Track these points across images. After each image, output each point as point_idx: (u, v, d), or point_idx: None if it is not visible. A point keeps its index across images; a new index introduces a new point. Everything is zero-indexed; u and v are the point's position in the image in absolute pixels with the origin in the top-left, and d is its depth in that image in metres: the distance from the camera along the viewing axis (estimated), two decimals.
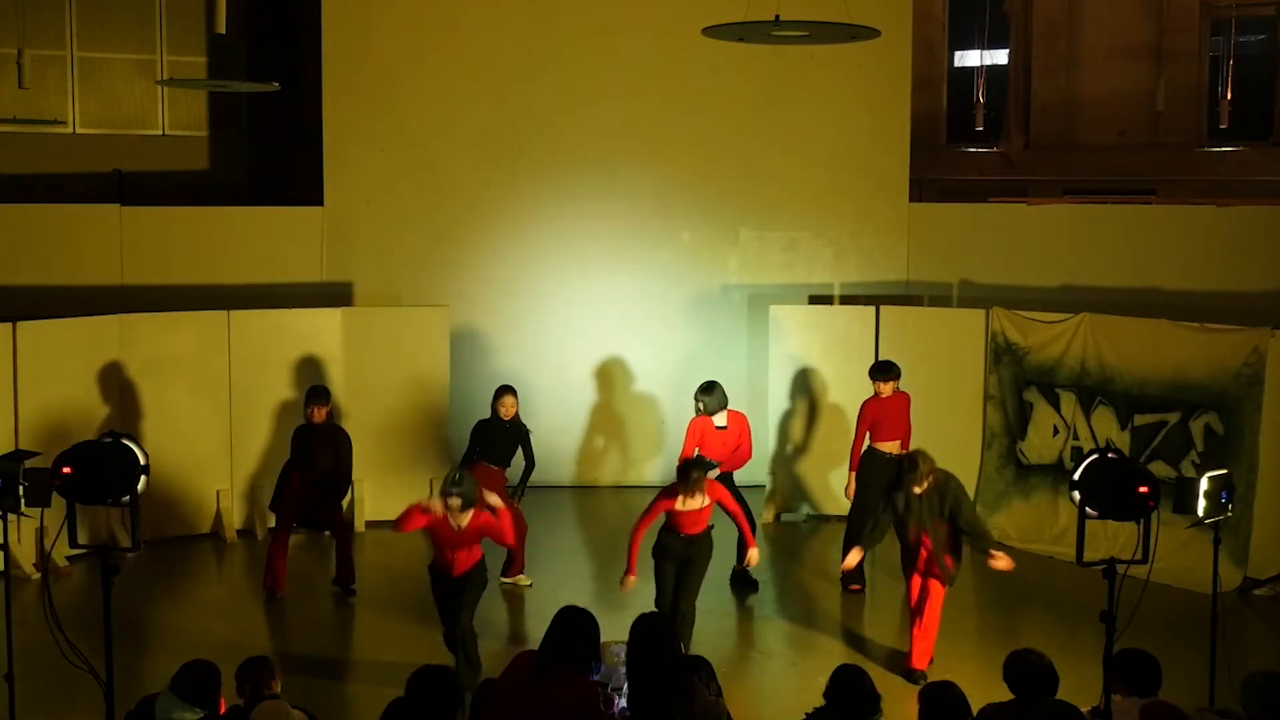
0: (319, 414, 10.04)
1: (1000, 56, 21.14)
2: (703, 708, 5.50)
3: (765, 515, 11.92)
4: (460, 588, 8.13)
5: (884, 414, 10.09)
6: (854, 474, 10.15)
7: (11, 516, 6.85)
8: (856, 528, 10.14)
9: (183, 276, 12.52)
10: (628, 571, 8.44)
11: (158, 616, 9.65)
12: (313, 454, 9.92)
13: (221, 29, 11.06)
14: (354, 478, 10.65)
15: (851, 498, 10.19)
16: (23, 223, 12.34)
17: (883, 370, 10.19)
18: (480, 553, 8.19)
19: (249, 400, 11.47)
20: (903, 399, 10.20)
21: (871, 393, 10.17)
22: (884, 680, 5.83)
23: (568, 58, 13.06)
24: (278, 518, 10.12)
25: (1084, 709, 5.72)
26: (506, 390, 10.09)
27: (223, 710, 5.93)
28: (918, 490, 8.29)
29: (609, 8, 13.09)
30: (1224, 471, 7.39)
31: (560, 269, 13.16)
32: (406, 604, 9.92)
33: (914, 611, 8.58)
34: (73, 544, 6.29)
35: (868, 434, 10.15)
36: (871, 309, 12.16)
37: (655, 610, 8.13)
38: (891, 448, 10.10)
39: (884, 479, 9.99)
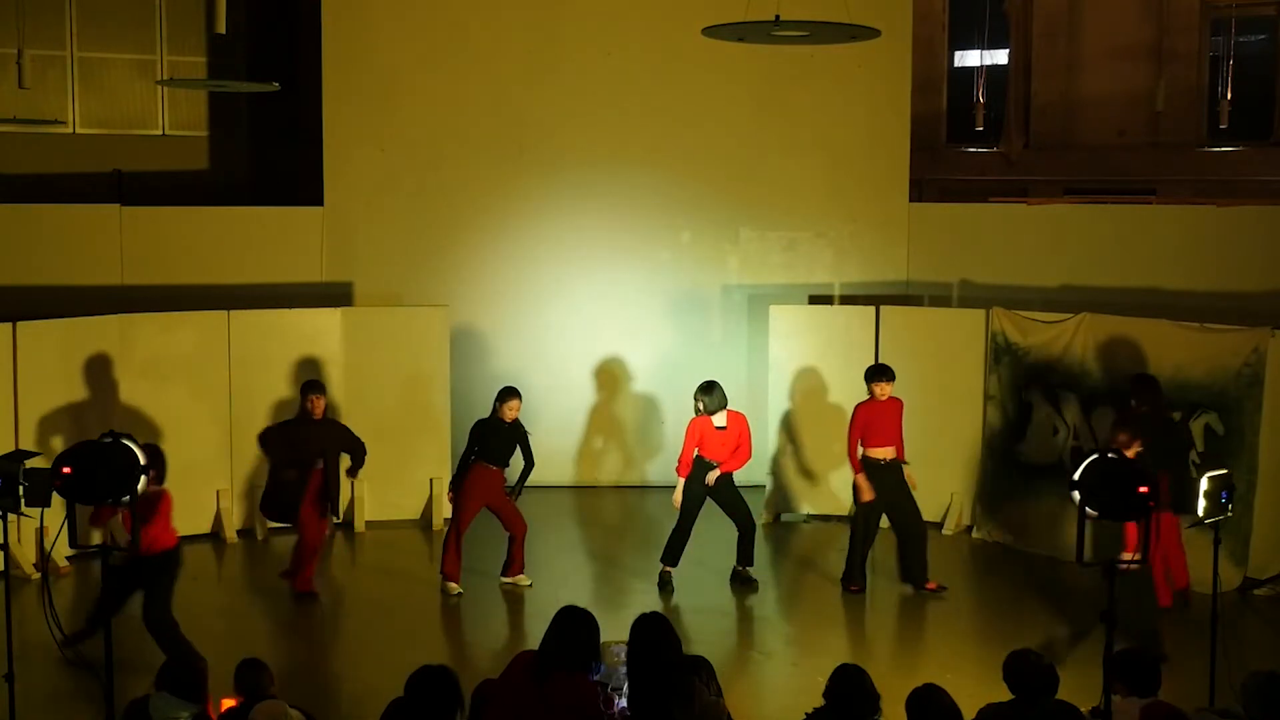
0: (318, 406, 10.03)
1: (1000, 56, 21.15)
2: (703, 708, 5.50)
3: (765, 515, 11.92)
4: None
5: (876, 419, 9.94)
6: (861, 475, 9.90)
7: (11, 516, 6.85)
8: (860, 536, 10.01)
9: (183, 276, 12.51)
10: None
11: None
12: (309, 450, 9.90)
13: (221, 29, 11.07)
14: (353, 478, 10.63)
15: (869, 498, 9.98)
16: (23, 223, 12.33)
17: (879, 373, 10.07)
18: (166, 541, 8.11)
19: (249, 400, 11.47)
20: (895, 404, 10.03)
21: (866, 396, 10.05)
22: (884, 680, 5.81)
23: (568, 58, 13.06)
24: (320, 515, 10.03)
25: (1084, 709, 5.73)
26: (513, 394, 10.07)
27: (223, 709, 5.94)
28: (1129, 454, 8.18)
29: (609, 8, 13.09)
30: (1224, 471, 7.40)
31: (560, 269, 13.16)
32: (406, 604, 9.93)
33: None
34: (73, 544, 6.29)
35: (860, 440, 9.93)
36: (871, 309, 12.15)
37: (655, 610, 8.12)
38: (884, 453, 9.93)
39: (880, 486, 9.88)
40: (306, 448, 9.93)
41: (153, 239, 12.55)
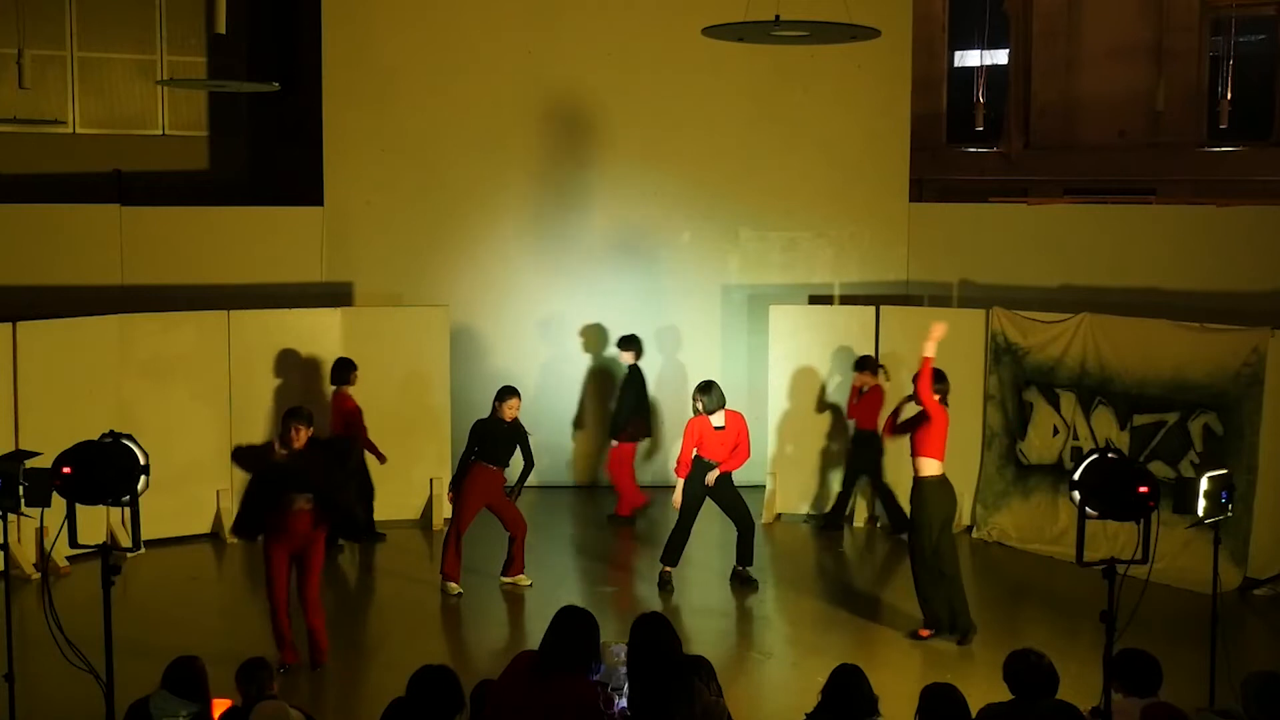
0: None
1: (1000, 57, 21.17)
2: (703, 708, 5.50)
3: (765, 515, 11.92)
4: None
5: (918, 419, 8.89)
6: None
7: (11, 516, 6.85)
8: (921, 563, 8.99)
9: (183, 276, 12.51)
10: None
11: (158, 616, 9.65)
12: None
13: (221, 29, 11.05)
14: None
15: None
16: (23, 223, 12.33)
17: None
18: None
19: (249, 400, 11.47)
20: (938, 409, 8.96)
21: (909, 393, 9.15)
22: (883, 680, 5.81)
23: (567, 57, 13.06)
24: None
25: (1084, 709, 5.72)
26: (512, 393, 10.07)
27: (222, 709, 5.94)
28: None
29: (609, 8, 13.09)
30: (1224, 471, 7.38)
31: (560, 269, 13.16)
32: (406, 605, 9.93)
33: None
34: (73, 544, 6.29)
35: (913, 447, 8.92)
36: (871, 309, 12.15)
37: (655, 610, 8.12)
38: (938, 468, 8.84)
39: (939, 507, 8.89)
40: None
41: (153, 239, 12.56)
